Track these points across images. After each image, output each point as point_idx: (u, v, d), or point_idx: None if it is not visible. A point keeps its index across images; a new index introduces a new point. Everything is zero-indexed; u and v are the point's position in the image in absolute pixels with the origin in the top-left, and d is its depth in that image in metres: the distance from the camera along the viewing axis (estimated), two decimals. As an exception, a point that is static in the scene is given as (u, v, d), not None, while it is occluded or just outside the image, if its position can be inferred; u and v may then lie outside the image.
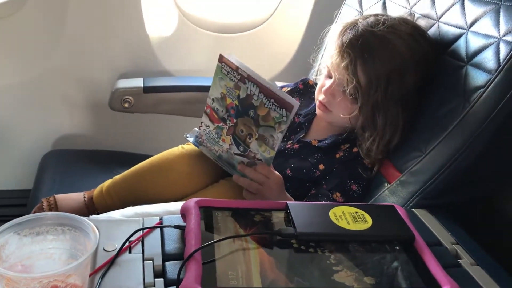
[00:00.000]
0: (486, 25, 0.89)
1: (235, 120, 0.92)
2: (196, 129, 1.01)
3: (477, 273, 0.69)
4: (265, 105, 0.86)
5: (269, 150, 0.90)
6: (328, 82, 1.02)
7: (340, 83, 0.99)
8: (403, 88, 0.96)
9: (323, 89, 1.03)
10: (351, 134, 1.03)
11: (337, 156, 1.02)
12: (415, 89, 0.97)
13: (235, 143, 0.93)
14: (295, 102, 0.83)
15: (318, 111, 1.07)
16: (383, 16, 1.00)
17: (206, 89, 0.98)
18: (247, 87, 0.87)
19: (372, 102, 0.96)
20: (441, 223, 0.80)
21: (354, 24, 0.98)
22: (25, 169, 1.51)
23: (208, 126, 0.97)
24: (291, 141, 1.08)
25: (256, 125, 0.89)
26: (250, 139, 0.91)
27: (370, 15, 1.02)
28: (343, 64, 0.96)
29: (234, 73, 0.89)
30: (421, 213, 0.83)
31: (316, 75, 1.19)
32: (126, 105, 1.35)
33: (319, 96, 1.05)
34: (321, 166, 1.02)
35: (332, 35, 1.03)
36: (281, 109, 0.84)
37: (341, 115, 1.01)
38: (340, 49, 0.97)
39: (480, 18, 0.91)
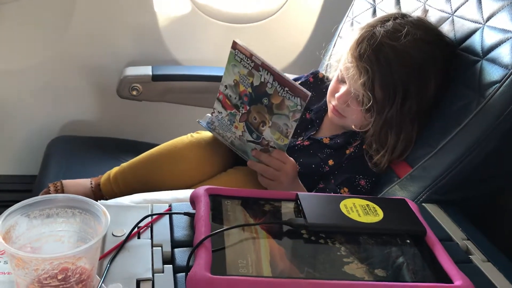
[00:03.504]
0: (503, 20, 0.88)
1: (248, 107, 0.92)
2: (209, 114, 1.00)
3: (489, 269, 0.68)
4: (279, 94, 0.86)
5: (282, 138, 0.89)
6: (342, 89, 1.00)
7: (356, 94, 0.97)
8: (421, 102, 0.94)
9: (337, 95, 1.01)
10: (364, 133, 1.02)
11: (347, 152, 1.01)
12: (432, 100, 0.95)
13: (248, 130, 0.93)
14: (307, 92, 0.83)
15: (330, 114, 1.05)
16: (401, 20, 0.96)
17: (215, 78, 0.98)
18: (261, 75, 0.87)
19: (385, 117, 0.94)
20: (451, 219, 0.80)
21: (371, 33, 0.94)
22: (31, 154, 1.51)
23: (221, 112, 0.97)
24: (302, 138, 1.07)
25: (270, 113, 0.88)
26: (263, 126, 0.90)
27: (389, 19, 0.97)
28: (360, 81, 0.93)
29: (248, 60, 0.88)
30: (431, 208, 0.82)
31: (326, 71, 1.18)
32: (134, 92, 1.34)
33: (332, 101, 1.04)
34: (331, 162, 1.01)
35: (347, 40, 1.00)
36: (296, 97, 0.84)
37: (353, 126, 1.00)
38: (358, 63, 0.93)
39: (498, 13, 0.90)
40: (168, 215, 0.72)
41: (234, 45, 0.89)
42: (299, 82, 1.18)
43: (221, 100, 0.96)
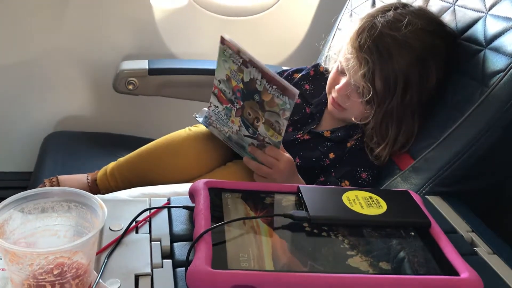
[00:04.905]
0: (506, 8, 0.87)
1: (242, 103, 0.90)
2: (206, 109, 0.99)
3: (494, 261, 0.67)
4: (269, 91, 0.83)
5: (276, 135, 0.87)
6: (342, 80, 0.98)
7: (356, 86, 0.95)
8: (422, 93, 0.92)
9: (337, 87, 0.99)
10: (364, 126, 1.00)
11: (348, 145, 1.00)
12: (434, 91, 0.93)
13: (244, 125, 0.91)
14: (295, 90, 0.80)
15: (330, 106, 1.03)
16: (402, 10, 0.95)
17: (212, 72, 0.95)
18: (250, 71, 0.84)
19: (386, 109, 0.93)
20: (455, 211, 0.78)
21: (372, 23, 0.92)
22: (26, 151, 1.49)
23: (217, 107, 0.95)
24: (302, 132, 1.05)
25: (262, 109, 0.86)
26: (257, 122, 0.88)
27: (389, 9, 0.95)
28: (360, 72, 0.92)
29: (236, 56, 0.85)
30: (435, 200, 0.81)
31: (325, 63, 1.16)
32: (131, 87, 1.33)
33: (332, 92, 1.02)
34: (331, 155, 0.99)
35: (347, 31, 0.98)
36: (284, 96, 0.81)
37: (353, 118, 0.98)
38: (358, 54, 0.92)
39: (501, 1, 0.88)
40: (166, 209, 0.70)
41: (222, 40, 0.86)
42: (301, 74, 1.16)
43: (216, 94, 0.94)
